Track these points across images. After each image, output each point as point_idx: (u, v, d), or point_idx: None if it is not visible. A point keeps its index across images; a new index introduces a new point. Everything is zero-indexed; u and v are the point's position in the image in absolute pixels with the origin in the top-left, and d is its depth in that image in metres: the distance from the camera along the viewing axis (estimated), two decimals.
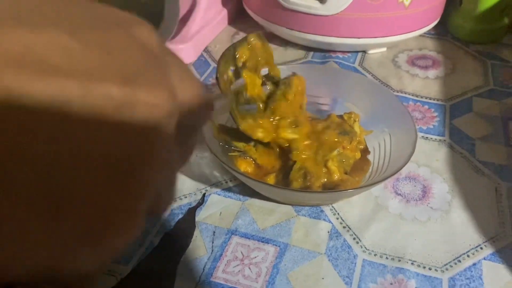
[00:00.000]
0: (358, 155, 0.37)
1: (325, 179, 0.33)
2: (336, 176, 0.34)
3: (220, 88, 0.33)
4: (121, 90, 0.13)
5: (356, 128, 0.38)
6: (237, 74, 0.35)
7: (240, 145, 0.36)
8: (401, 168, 0.32)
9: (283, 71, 0.43)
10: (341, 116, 0.39)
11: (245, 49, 0.35)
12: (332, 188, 0.33)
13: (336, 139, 0.35)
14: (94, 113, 0.13)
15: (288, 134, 0.34)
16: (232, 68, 0.34)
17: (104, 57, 0.13)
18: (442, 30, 0.59)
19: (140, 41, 0.15)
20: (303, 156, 0.34)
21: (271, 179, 0.35)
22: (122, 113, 0.13)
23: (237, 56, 0.34)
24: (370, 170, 0.36)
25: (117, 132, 0.13)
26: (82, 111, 0.12)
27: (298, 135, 0.35)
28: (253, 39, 0.35)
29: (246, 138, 0.37)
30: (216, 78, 0.33)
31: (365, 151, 0.38)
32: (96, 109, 0.13)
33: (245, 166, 0.36)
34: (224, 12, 0.60)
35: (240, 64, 0.35)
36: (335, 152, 0.35)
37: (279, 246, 0.32)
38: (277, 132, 0.34)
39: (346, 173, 0.35)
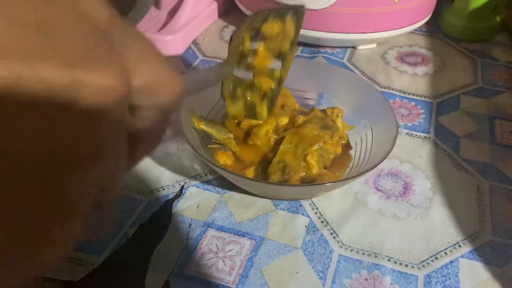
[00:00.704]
0: (339, 150, 0.36)
1: (304, 173, 0.33)
2: (315, 171, 0.33)
3: (230, 44, 0.31)
4: (62, 73, 0.12)
5: (339, 123, 0.38)
6: (255, 37, 0.32)
7: (220, 137, 0.36)
8: (378, 164, 0.31)
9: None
10: (324, 111, 0.39)
11: (276, 24, 0.32)
12: (310, 182, 0.33)
13: (317, 133, 0.35)
14: (27, 102, 0.11)
15: (252, 121, 0.36)
16: (252, 31, 0.32)
17: (41, 36, 0.12)
18: (433, 28, 0.59)
19: (88, 16, 0.13)
20: (262, 142, 0.35)
21: (250, 172, 0.34)
22: (63, 101, 0.12)
23: (264, 24, 0.32)
24: (350, 165, 0.36)
25: (56, 124, 0.12)
26: (13, 98, 0.11)
27: (261, 121, 0.35)
28: (289, 23, 0.32)
29: (226, 131, 0.36)
30: (233, 34, 0.31)
31: (347, 147, 0.38)
32: (30, 96, 0.11)
33: (224, 159, 0.35)
34: (214, 5, 0.59)
35: (262, 32, 0.32)
36: (316, 147, 0.34)
37: (255, 239, 0.32)
38: (244, 120, 0.36)
39: (326, 168, 0.35)
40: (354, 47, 0.54)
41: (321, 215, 0.34)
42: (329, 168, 0.35)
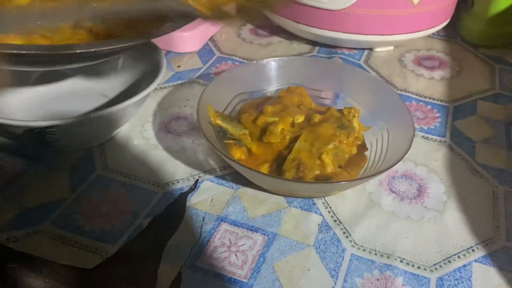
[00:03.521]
0: (354, 150, 0.36)
1: (318, 171, 0.33)
2: (329, 169, 0.33)
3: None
4: None
5: (355, 123, 0.38)
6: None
7: (236, 133, 0.36)
8: (394, 164, 0.31)
9: (286, 63, 0.43)
10: (340, 111, 0.39)
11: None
12: (324, 180, 0.33)
13: (332, 133, 0.35)
14: None
15: (268, 118, 0.36)
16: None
17: None
18: (452, 32, 0.58)
19: None
20: (277, 140, 0.35)
21: (264, 169, 0.35)
22: None
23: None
24: (365, 165, 0.36)
25: None
26: None
27: (278, 118, 0.36)
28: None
29: (242, 127, 0.37)
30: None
31: (363, 147, 0.38)
32: None
33: (239, 155, 0.35)
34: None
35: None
36: (331, 146, 0.34)
37: (267, 235, 0.32)
38: (260, 117, 0.36)
39: (340, 167, 0.35)
40: (371, 49, 0.54)
41: (334, 214, 0.34)
42: (344, 168, 0.35)
